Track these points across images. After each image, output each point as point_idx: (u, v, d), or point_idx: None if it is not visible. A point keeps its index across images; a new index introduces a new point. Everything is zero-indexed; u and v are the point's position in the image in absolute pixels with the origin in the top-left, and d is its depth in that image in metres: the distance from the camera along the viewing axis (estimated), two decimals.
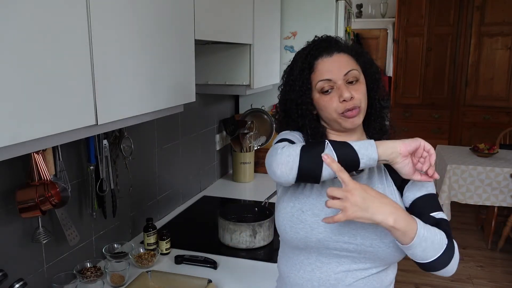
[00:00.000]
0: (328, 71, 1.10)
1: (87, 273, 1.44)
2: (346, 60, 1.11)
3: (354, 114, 1.09)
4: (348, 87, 1.09)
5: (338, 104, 1.09)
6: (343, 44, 1.15)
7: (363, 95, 1.11)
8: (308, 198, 1.09)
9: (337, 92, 1.09)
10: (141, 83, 1.18)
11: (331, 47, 1.12)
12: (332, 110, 1.10)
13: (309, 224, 1.07)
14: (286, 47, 2.69)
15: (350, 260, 1.07)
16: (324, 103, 1.11)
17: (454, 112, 5.07)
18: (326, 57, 1.11)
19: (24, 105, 0.82)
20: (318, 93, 1.11)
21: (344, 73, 1.09)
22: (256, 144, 2.66)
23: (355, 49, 1.15)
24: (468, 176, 3.48)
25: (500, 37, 4.74)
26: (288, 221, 1.09)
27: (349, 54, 1.13)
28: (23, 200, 1.20)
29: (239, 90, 2.13)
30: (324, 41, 1.15)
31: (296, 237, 1.09)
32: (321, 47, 1.13)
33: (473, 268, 3.41)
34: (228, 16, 1.76)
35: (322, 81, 1.10)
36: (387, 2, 5.53)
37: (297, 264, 1.13)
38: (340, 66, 1.10)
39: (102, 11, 1.00)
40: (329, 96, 1.10)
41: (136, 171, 1.78)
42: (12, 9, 0.78)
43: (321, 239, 1.06)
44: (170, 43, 1.31)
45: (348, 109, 1.08)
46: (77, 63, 0.94)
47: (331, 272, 1.08)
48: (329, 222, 0.95)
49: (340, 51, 1.12)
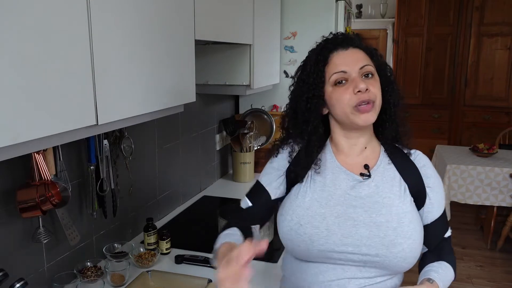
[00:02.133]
0: (343, 64, 1.06)
1: (87, 272, 1.44)
2: (362, 55, 1.09)
3: (367, 109, 1.03)
4: (363, 80, 1.05)
5: (352, 96, 1.03)
6: (359, 41, 1.12)
7: (378, 90, 1.06)
8: (307, 211, 1.08)
9: (351, 84, 1.04)
10: (141, 83, 1.18)
11: (347, 41, 1.10)
12: (345, 103, 1.04)
13: (309, 237, 1.05)
14: (286, 47, 2.70)
15: (356, 268, 1.06)
16: (337, 95, 1.05)
17: (453, 112, 5.07)
18: (341, 50, 1.08)
19: (25, 105, 0.82)
20: (331, 86, 1.07)
21: (360, 66, 1.05)
22: (256, 144, 2.66)
23: (370, 49, 1.13)
24: (467, 176, 3.48)
25: (499, 37, 4.75)
26: (288, 235, 1.09)
27: (365, 51, 1.10)
28: (24, 200, 1.21)
29: (239, 90, 2.13)
30: (340, 36, 1.12)
31: (297, 249, 1.09)
32: (337, 41, 1.10)
33: (472, 268, 3.41)
34: (228, 16, 1.76)
35: (337, 73, 1.06)
36: (386, 2, 5.53)
37: (301, 268, 1.12)
38: (356, 60, 1.07)
39: (103, 11, 1.00)
40: (343, 88, 1.05)
41: (136, 171, 1.79)
42: (12, 9, 0.78)
43: (323, 250, 1.05)
44: (170, 43, 1.31)
45: (363, 101, 1.03)
46: (77, 63, 0.94)
47: (334, 278, 1.07)
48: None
49: (356, 47, 1.09)
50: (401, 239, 1.02)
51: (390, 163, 1.12)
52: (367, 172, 1.09)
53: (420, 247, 1.07)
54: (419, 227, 1.07)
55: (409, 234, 1.03)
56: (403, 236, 1.02)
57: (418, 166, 1.12)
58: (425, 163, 1.13)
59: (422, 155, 1.15)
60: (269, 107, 2.80)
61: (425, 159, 1.15)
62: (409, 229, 1.04)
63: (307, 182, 1.12)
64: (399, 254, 1.02)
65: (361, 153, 1.12)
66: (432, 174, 1.12)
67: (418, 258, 1.11)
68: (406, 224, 1.04)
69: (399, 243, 1.02)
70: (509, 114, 4.84)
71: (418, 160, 1.13)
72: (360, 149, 1.12)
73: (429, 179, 1.11)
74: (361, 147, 1.12)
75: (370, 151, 1.13)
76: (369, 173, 1.09)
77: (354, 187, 1.08)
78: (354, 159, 1.12)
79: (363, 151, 1.12)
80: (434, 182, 1.12)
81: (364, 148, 1.13)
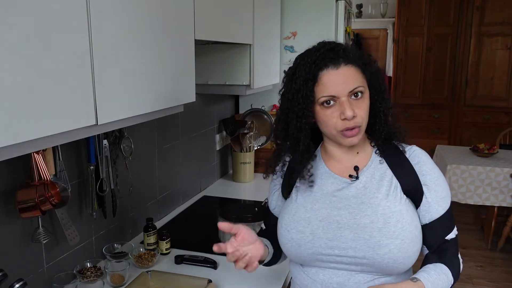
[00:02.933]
0: (333, 86, 1.00)
1: (87, 273, 1.44)
2: (353, 74, 1.02)
3: (353, 134, 1.02)
4: (351, 103, 1.01)
5: (338, 121, 1.01)
6: (351, 55, 1.04)
7: (365, 112, 1.04)
8: (293, 217, 1.10)
9: (339, 108, 1.01)
10: (141, 83, 1.18)
11: (338, 57, 1.02)
12: (332, 126, 1.03)
13: (296, 242, 1.08)
14: (286, 47, 2.69)
15: (350, 270, 1.06)
16: (324, 117, 1.03)
17: (454, 112, 5.07)
18: (332, 69, 1.01)
19: (24, 105, 0.82)
20: (319, 105, 1.03)
21: (349, 90, 1.01)
22: (256, 144, 2.66)
23: (364, 59, 1.06)
24: (468, 176, 3.48)
25: (500, 37, 4.74)
26: (280, 241, 1.14)
27: (357, 66, 1.03)
28: (23, 200, 1.20)
29: (239, 90, 2.13)
30: (332, 51, 1.03)
31: (289, 254, 1.13)
32: (327, 57, 1.02)
33: (473, 268, 3.41)
34: (228, 16, 1.76)
35: (325, 97, 1.01)
36: (387, 2, 5.53)
37: (300, 271, 1.16)
38: (346, 81, 1.01)
39: (102, 10, 1.00)
40: (330, 110, 1.02)
41: (136, 171, 1.78)
42: (12, 10, 0.78)
43: (312, 254, 1.07)
44: (170, 43, 1.31)
45: (348, 128, 1.01)
46: (77, 63, 0.94)
47: (333, 275, 1.08)
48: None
49: (348, 63, 1.02)
50: (387, 240, 1.00)
51: (383, 162, 1.10)
52: (355, 174, 1.09)
53: (414, 247, 1.03)
54: (410, 226, 1.03)
55: (396, 234, 1.00)
56: (390, 237, 1.00)
57: (413, 163, 1.08)
58: (421, 160, 1.09)
59: (419, 152, 1.11)
60: (269, 107, 2.80)
61: (422, 155, 1.10)
62: (396, 229, 1.01)
63: (296, 189, 1.15)
64: (386, 256, 1.00)
65: (353, 158, 1.12)
66: (429, 172, 1.08)
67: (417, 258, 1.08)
68: (393, 224, 1.01)
69: (385, 244, 1.00)
70: (509, 114, 4.84)
71: (412, 157, 1.09)
72: (352, 155, 1.12)
73: (425, 176, 1.07)
74: (353, 153, 1.12)
75: (363, 155, 1.12)
76: (357, 175, 1.09)
77: (341, 189, 1.09)
78: (346, 163, 1.12)
79: (355, 156, 1.12)
80: (432, 179, 1.07)
81: (356, 154, 1.12)
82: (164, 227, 1.91)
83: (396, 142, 1.12)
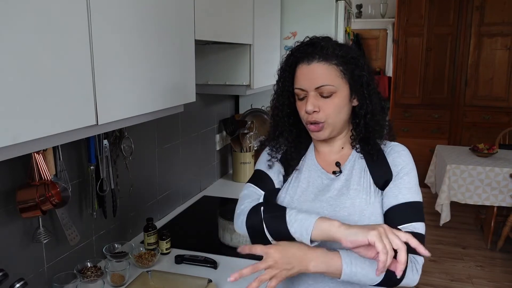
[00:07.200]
0: (303, 80, 1.06)
1: (87, 272, 1.44)
2: (324, 71, 1.04)
3: (315, 129, 1.08)
4: (317, 99, 1.05)
5: (304, 114, 1.08)
6: (330, 52, 1.05)
7: (333, 109, 1.05)
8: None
9: (306, 102, 1.07)
10: (141, 83, 1.18)
11: (313, 53, 1.05)
12: (302, 118, 1.11)
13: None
14: (286, 47, 2.69)
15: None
16: (298, 109, 1.11)
17: (453, 112, 5.07)
18: (304, 64, 1.06)
19: (25, 105, 0.82)
20: (296, 97, 1.11)
21: (316, 86, 1.04)
22: (256, 144, 2.66)
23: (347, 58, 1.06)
24: (467, 176, 3.48)
25: (499, 37, 4.74)
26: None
27: (333, 64, 1.04)
28: (24, 200, 1.21)
29: (239, 90, 2.13)
30: (310, 46, 1.07)
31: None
32: (304, 52, 1.07)
33: (472, 268, 3.41)
34: (228, 16, 1.76)
35: (297, 89, 1.09)
36: (387, 2, 5.53)
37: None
38: (314, 78, 1.04)
39: (103, 11, 1.00)
40: (301, 103, 1.09)
41: (136, 171, 1.78)
42: (12, 10, 0.78)
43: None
44: (170, 43, 1.31)
45: (310, 122, 1.08)
46: (77, 63, 0.94)
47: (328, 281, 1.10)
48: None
49: (322, 60, 1.04)
50: None
51: (362, 158, 1.13)
52: (338, 170, 1.13)
53: None
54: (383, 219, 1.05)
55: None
56: None
57: (388, 157, 1.11)
58: (396, 153, 1.10)
59: (397, 146, 1.12)
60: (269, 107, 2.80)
61: (399, 149, 1.11)
62: (370, 221, 1.03)
63: (289, 179, 1.17)
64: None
65: (338, 153, 1.16)
66: (401, 163, 1.08)
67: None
68: (367, 217, 1.04)
69: None
70: (509, 114, 4.84)
71: (388, 152, 1.12)
72: (337, 150, 1.16)
73: (396, 167, 1.08)
74: (338, 148, 1.16)
75: (347, 150, 1.16)
76: (340, 170, 1.12)
77: (326, 183, 1.12)
78: (332, 157, 1.16)
79: (340, 151, 1.16)
80: (402, 169, 1.07)
81: (341, 149, 1.16)
82: (164, 227, 1.92)
83: (379, 140, 1.14)
